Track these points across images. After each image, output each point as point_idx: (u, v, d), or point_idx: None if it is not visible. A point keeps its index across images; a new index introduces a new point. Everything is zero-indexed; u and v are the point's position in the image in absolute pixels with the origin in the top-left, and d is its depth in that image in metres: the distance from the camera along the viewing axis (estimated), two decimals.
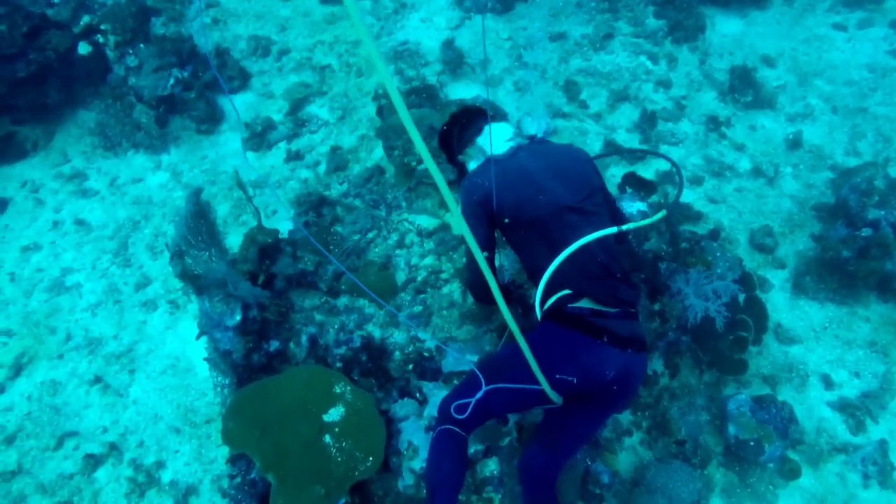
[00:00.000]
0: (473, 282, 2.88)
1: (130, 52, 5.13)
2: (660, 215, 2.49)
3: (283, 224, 4.15)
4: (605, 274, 2.43)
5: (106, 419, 3.69)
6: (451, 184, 4.28)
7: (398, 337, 3.69)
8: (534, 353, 2.12)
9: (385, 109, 4.83)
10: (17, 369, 3.93)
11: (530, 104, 4.78)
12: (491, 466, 2.79)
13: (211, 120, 5.16)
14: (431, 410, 2.90)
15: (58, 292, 4.29)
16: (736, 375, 3.37)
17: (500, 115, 3.07)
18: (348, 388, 2.98)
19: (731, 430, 3.15)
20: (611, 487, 2.93)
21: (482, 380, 2.33)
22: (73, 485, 3.49)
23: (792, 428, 3.16)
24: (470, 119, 2.89)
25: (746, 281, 3.47)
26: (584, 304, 2.37)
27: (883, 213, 3.47)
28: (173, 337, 3.97)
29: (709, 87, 4.96)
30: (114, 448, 3.57)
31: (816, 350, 3.65)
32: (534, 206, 2.45)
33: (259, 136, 4.99)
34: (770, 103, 4.74)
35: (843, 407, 3.43)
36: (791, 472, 3.11)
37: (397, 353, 3.58)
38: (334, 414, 2.89)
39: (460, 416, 2.30)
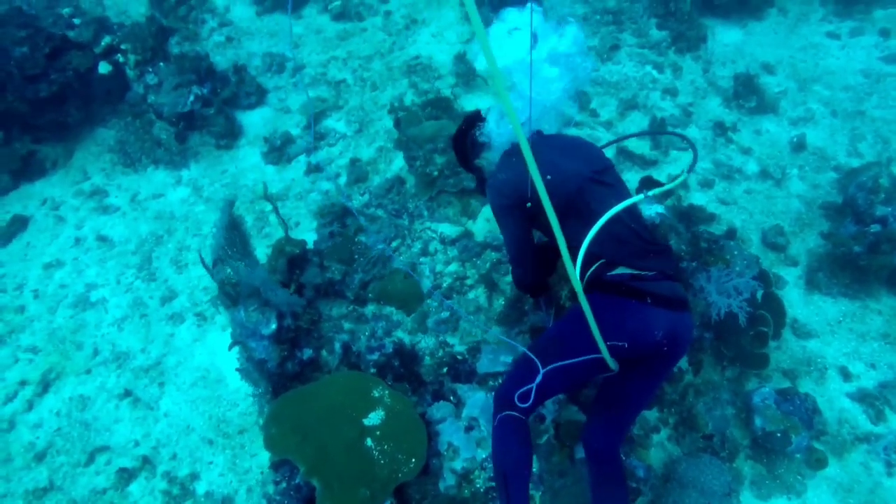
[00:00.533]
0: (520, 274, 2.89)
1: (150, 70, 5.21)
2: (681, 178, 2.57)
3: (309, 235, 4.20)
4: (637, 240, 2.49)
5: (137, 433, 3.70)
6: (471, 192, 4.37)
7: (427, 342, 3.74)
8: (581, 325, 2.21)
9: (403, 121, 4.91)
10: (45, 385, 3.95)
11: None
12: None
13: (230, 135, 5.23)
14: (470, 411, 2.94)
15: (83, 308, 4.32)
16: (758, 370, 3.42)
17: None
18: (386, 391, 3.02)
19: (758, 422, 3.20)
20: (647, 481, 2.96)
21: (538, 363, 2.36)
22: (105, 500, 3.49)
23: (816, 419, 3.21)
24: (474, 123, 2.94)
25: (763, 278, 3.53)
26: (622, 270, 2.43)
27: (890, 209, 3.56)
28: (202, 349, 4.00)
29: (714, 94, 5.06)
30: (146, 462, 3.58)
31: (833, 343, 3.71)
32: (559, 183, 2.48)
33: (278, 150, 5.06)
34: (773, 108, 4.84)
35: (862, 398, 3.47)
36: (818, 462, 3.16)
37: (427, 359, 3.63)
38: (374, 418, 2.92)
39: (525, 405, 2.33)
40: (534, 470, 2.82)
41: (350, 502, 2.67)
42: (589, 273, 2.46)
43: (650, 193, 2.45)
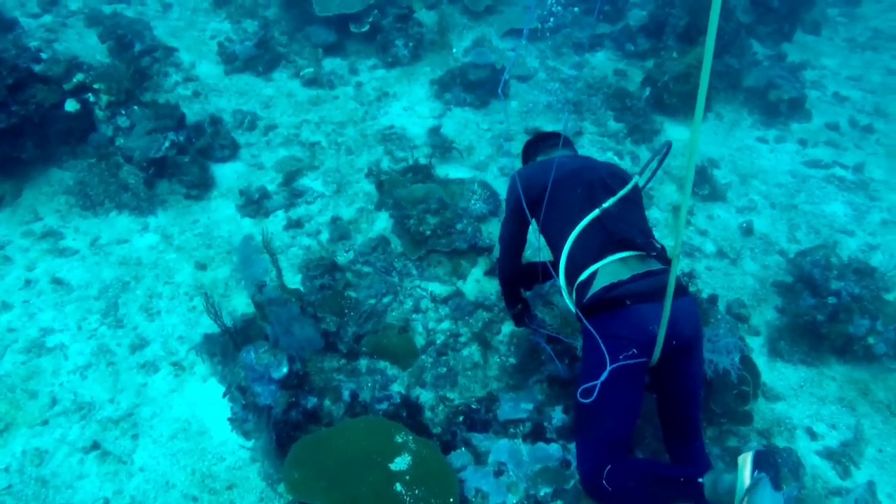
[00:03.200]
0: (500, 261, 3.29)
1: (123, 112, 5.06)
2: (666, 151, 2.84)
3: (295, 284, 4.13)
4: (615, 240, 2.70)
5: (107, 489, 3.33)
6: (462, 253, 4.52)
7: (426, 396, 3.72)
8: (589, 360, 2.50)
9: (386, 184, 5.05)
10: None
11: None
12: None
13: (202, 186, 5.11)
14: (497, 456, 2.94)
15: (37, 353, 3.92)
16: (745, 425, 3.68)
17: (567, 147, 3.59)
18: (410, 437, 2.97)
19: None
20: None
21: (607, 358, 2.45)
22: None
23: (801, 471, 3.48)
24: (543, 139, 3.44)
25: (741, 342, 3.87)
26: (600, 280, 2.63)
27: (843, 283, 4.08)
28: (181, 400, 3.72)
29: (669, 182, 5.63)
30: None
31: (797, 406, 4.07)
32: (571, 179, 2.86)
33: (255, 203, 4.99)
34: (723, 197, 5.46)
35: (829, 455, 3.80)
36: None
37: (428, 412, 3.61)
38: (401, 463, 2.85)
39: (586, 401, 2.41)
40: None
41: None
42: (572, 295, 2.73)
43: (642, 179, 2.83)
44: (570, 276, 2.77)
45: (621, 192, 2.73)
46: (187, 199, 5.07)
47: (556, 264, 2.87)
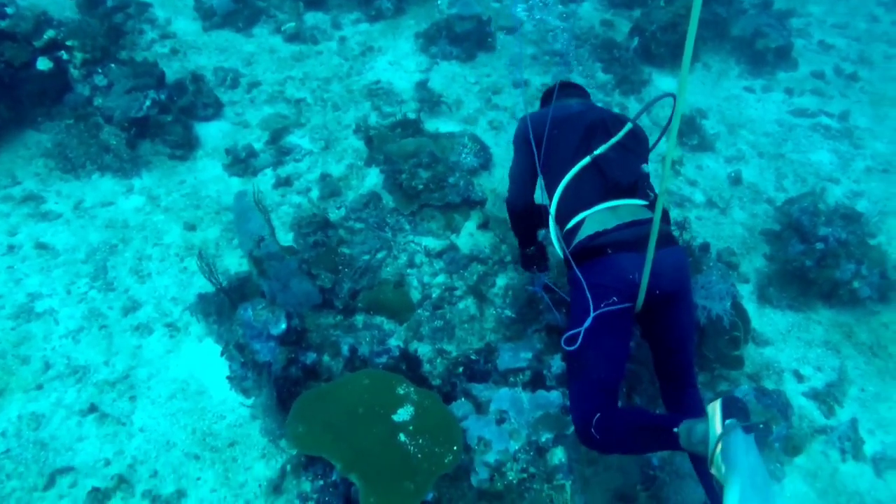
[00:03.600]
0: (511, 192, 3.25)
1: (100, 71, 4.89)
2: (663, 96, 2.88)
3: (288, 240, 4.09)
4: (608, 187, 2.71)
5: (107, 451, 3.33)
6: (455, 206, 4.49)
7: (424, 350, 3.74)
8: (574, 307, 2.56)
9: (375, 139, 4.97)
10: None
11: None
12: (559, 455, 2.90)
13: (186, 146, 4.99)
14: (499, 405, 2.98)
15: (27, 319, 3.86)
16: (736, 369, 3.76)
17: (581, 94, 3.53)
18: (411, 388, 2.99)
19: None
20: (662, 468, 3.14)
21: (590, 304, 2.47)
22: None
23: (789, 411, 3.58)
24: (561, 87, 3.42)
25: (733, 288, 3.93)
26: (586, 229, 2.65)
27: (830, 229, 4.14)
28: (177, 360, 3.71)
29: (658, 132, 5.60)
30: (122, 481, 3.22)
31: (785, 350, 4.16)
32: (572, 122, 2.89)
33: (243, 162, 4.90)
34: (711, 147, 5.46)
35: (815, 396, 3.92)
36: (794, 449, 3.51)
37: (426, 365, 3.63)
38: (403, 414, 2.88)
39: (571, 348, 2.45)
40: (563, 460, 2.89)
41: (395, 496, 2.60)
42: (572, 245, 2.72)
43: (634, 120, 2.85)
44: (560, 222, 2.80)
45: (615, 138, 2.72)
46: (172, 160, 4.96)
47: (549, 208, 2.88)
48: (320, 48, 6.27)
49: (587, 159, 2.71)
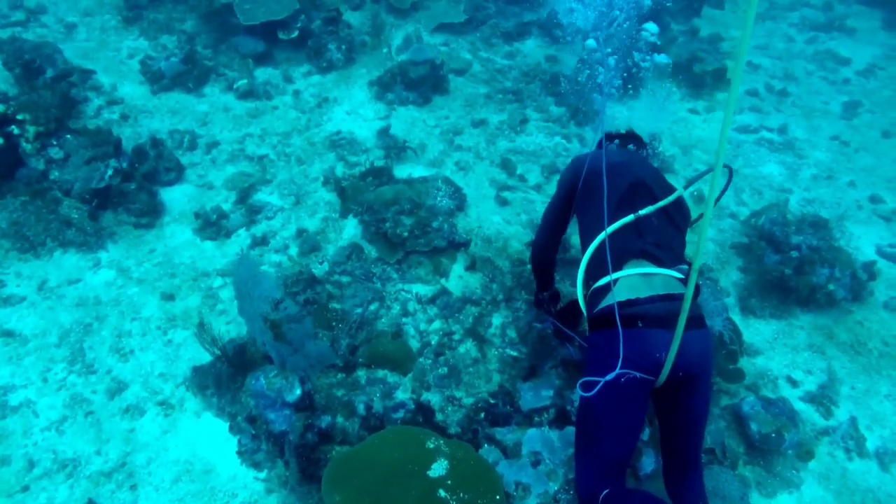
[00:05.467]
0: (536, 239, 3.24)
1: (54, 143, 4.67)
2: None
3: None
4: (644, 251, 2.61)
5: None
6: (441, 251, 4.48)
7: (434, 399, 3.67)
8: (592, 367, 2.45)
9: (348, 190, 4.93)
10: None
11: None
12: None
13: (152, 213, 4.80)
14: (531, 446, 2.95)
15: (1, 414, 3.57)
16: (738, 382, 3.86)
17: (636, 144, 3.48)
18: (441, 441, 2.92)
19: (754, 427, 3.59)
20: None
21: (620, 358, 2.33)
22: None
23: (797, 417, 3.70)
24: (621, 137, 3.44)
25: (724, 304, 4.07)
26: (618, 292, 2.51)
27: (802, 237, 4.36)
28: (176, 440, 3.50)
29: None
30: None
31: (775, 358, 4.32)
32: (618, 173, 2.82)
33: (214, 225, 4.75)
34: (671, 168, 5.70)
35: (811, 399, 4.07)
36: (807, 454, 3.62)
37: (439, 415, 3.56)
38: (438, 468, 2.80)
39: (588, 394, 2.33)
40: None
41: None
42: (582, 295, 2.71)
43: (685, 192, 2.77)
44: (590, 274, 2.68)
45: (663, 202, 2.64)
46: (138, 229, 4.76)
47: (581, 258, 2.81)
48: (275, 103, 6.21)
49: (631, 217, 2.62)
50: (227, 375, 3.43)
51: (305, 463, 3.04)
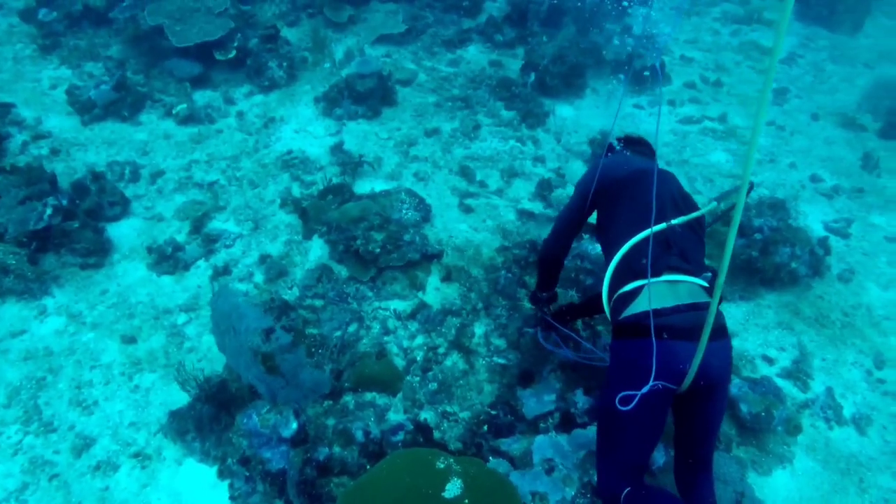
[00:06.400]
0: (547, 237, 3.16)
1: None
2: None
3: None
4: (671, 260, 2.60)
5: None
6: (415, 264, 4.38)
7: (429, 416, 3.56)
8: (619, 375, 2.45)
9: (310, 210, 4.75)
10: None
11: None
12: None
13: (100, 251, 4.48)
14: (543, 454, 2.88)
15: None
16: None
17: (647, 153, 3.42)
18: (450, 459, 2.80)
19: (744, 408, 3.64)
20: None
21: (653, 369, 2.31)
22: None
23: (782, 394, 3.79)
24: (632, 142, 3.39)
25: None
26: (643, 300, 2.51)
27: (763, 220, 4.50)
28: (158, 493, 3.24)
29: (574, 158, 5.88)
30: None
31: (749, 339, 4.42)
32: (642, 186, 2.77)
33: (170, 258, 4.48)
34: None
35: (788, 375, 4.18)
36: (795, 429, 3.70)
37: (436, 433, 3.45)
38: (453, 488, 2.68)
39: (626, 408, 2.30)
40: None
41: None
42: (608, 305, 2.67)
43: (717, 206, 2.69)
44: (615, 282, 2.66)
45: (694, 214, 2.62)
46: (86, 270, 4.43)
47: (605, 263, 2.76)
48: (219, 126, 5.95)
49: (663, 225, 2.57)
50: (208, 416, 3.21)
51: (308, 500, 2.87)
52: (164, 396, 3.66)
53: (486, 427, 3.18)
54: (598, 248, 4.18)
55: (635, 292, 2.53)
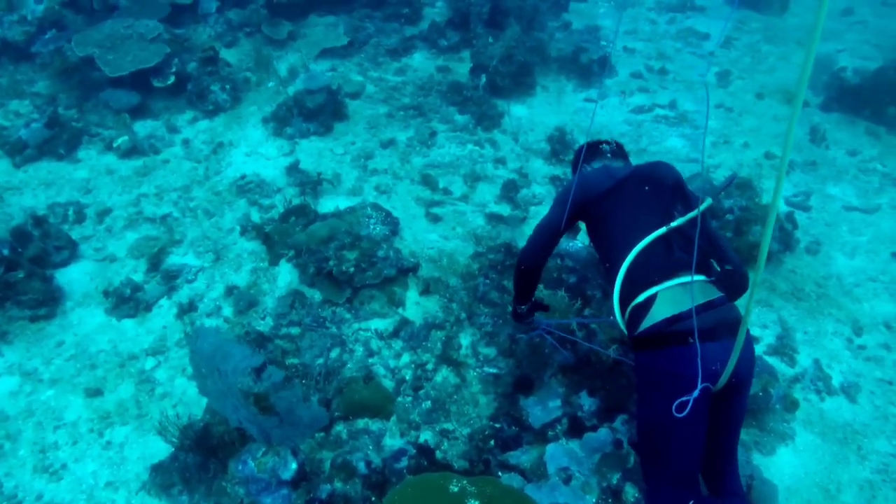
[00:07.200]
0: (526, 247, 2.94)
1: None
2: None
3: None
4: (679, 262, 2.52)
5: None
6: (391, 280, 4.22)
7: (427, 437, 3.41)
8: (651, 392, 2.41)
9: (274, 235, 4.54)
10: None
11: None
12: (631, 492, 2.76)
13: (50, 301, 4.16)
14: (558, 462, 2.77)
15: None
16: None
17: (623, 157, 3.30)
18: (463, 481, 2.66)
19: None
20: None
21: (699, 373, 2.24)
22: None
23: (776, 371, 3.79)
24: (598, 145, 3.20)
25: None
26: (660, 308, 2.45)
27: (732, 200, 4.54)
28: None
29: (535, 157, 5.83)
30: None
31: None
32: (635, 189, 2.68)
33: (129, 300, 4.19)
34: None
35: (774, 351, 4.20)
36: (793, 404, 3.71)
37: (438, 453, 3.31)
38: None
39: (681, 414, 2.22)
40: (636, 494, 2.75)
41: None
42: (627, 313, 2.54)
43: (703, 207, 2.56)
44: (626, 295, 2.55)
45: (694, 212, 2.52)
46: (36, 322, 4.10)
47: (609, 276, 2.65)
48: (165, 156, 5.66)
49: (664, 229, 2.50)
50: (195, 465, 2.97)
51: None
52: (140, 450, 3.39)
53: (492, 443, 3.05)
54: (577, 244, 4.13)
55: (650, 301, 2.45)
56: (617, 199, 2.70)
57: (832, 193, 5.59)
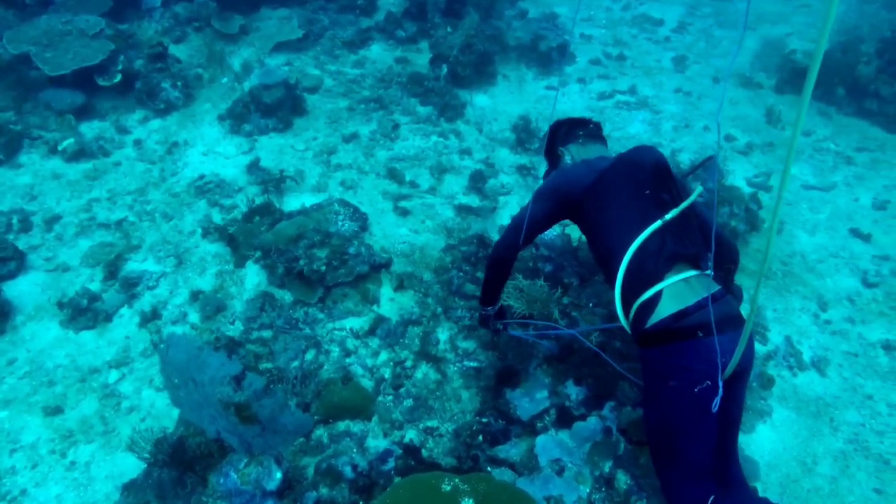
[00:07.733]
0: (503, 237, 2.88)
1: None
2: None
3: None
4: (677, 255, 2.48)
5: None
6: (364, 277, 4.12)
7: (412, 436, 3.33)
8: (663, 387, 2.40)
9: (239, 235, 4.37)
10: None
11: None
12: (623, 479, 2.74)
13: None
14: (549, 454, 2.73)
15: None
16: None
17: (600, 139, 3.19)
18: (455, 479, 2.59)
19: None
20: None
21: (719, 367, 2.25)
22: None
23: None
24: (578, 124, 3.14)
25: None
26: (666, 304, 2.41)
27: (698, 183, 4.58)
28: None
29: (500, 146, 5.78)
30: None
31: None
32: (622, 182, 2.61)
33: (87, 310, 3.97)
34: None
35: None
36: (769, 381, 3.77)
37: (423, 452, 3.23)
38: None
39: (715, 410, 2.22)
40: (629, 481, 2.74)
41: None
42: (632, 314, 2.51)
43: (695, 198, 2.57)
44: (629, 292, 2.50)
45: (686, 203, 2.50)
46: None
47: (608, 276, 2.60)
48: (116, 158, 5.39)
49: (658, 223, 2.45)
50: (170, 481, 2.82)
51: None
52: (108, 468, 3.21)
53: (480, 438, 2.99)
54: (551, 233, 4.09)
55: (656, 298, 2.40)
56: (604, 193, 2.62)
57: (791, 172, 5.70)
